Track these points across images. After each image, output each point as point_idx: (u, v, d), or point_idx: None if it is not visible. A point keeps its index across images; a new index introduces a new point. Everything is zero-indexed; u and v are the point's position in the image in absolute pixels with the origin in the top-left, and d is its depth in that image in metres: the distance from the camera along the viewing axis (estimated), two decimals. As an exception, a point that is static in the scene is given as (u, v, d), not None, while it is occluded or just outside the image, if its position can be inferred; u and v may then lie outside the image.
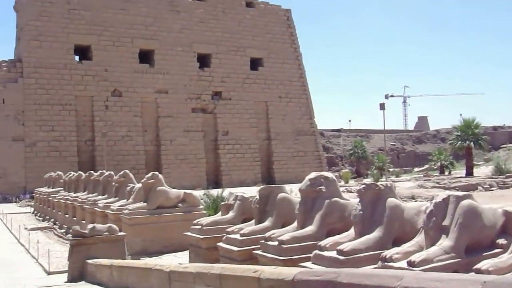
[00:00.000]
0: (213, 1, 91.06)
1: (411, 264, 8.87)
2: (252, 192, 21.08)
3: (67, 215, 36.91)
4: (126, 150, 79.31)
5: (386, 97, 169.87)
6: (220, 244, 15.23)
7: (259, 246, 13.23)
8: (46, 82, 76.53)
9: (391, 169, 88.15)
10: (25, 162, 74.06)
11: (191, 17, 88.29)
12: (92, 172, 37.73)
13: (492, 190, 44.73)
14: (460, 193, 9.99)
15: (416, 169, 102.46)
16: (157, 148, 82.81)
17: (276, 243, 12.44)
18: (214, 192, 35.81)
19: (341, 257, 10.19)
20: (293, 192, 19.08)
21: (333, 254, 10.43)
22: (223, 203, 20.75)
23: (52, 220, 42.01)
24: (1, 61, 78.92)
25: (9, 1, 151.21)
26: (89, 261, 17.58)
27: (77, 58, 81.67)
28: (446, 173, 77.85)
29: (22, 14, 79.96)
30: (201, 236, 17.06)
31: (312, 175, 13.38)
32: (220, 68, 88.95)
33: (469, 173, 66.67)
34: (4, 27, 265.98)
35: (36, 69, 76.39)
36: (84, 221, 30.22)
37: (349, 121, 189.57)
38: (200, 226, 17.43)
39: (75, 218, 33.79)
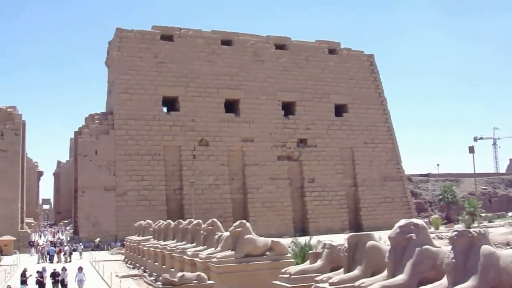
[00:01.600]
0: (296, 49, 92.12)
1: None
2: (339, 239, 20.86)
3: (156, 263, 37.50)
4: (213, 198, 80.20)
5: (475, 139, 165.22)
6: (309, 293, 15.07)
7: (348, 295, 13.01)
8: (136, 133, 78.95)
9: (483, 214, 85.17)
10: (116, 211, 76.14)
11: (275, 66, 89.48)
12: (180, 220, 38.33)
13: None
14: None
15: (510, 214, 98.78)
16: (243, 196, 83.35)
17: (366, 292, 12.21)
18: (302, 240, 35.62)
19: (434, 307, 9.88)
20: (381, 239, 18.78)
21: (426, 304, 10.13)
22: (311, 251, 20.58)
23: (142, 267, 42.79)
24: (94, 114, 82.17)
25: (101, 57, 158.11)
26: (179, 309, 17.74)
27: (165, 109, 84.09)
28: (543, 218, 74.56)
29: (113, 69, 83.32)
30: (290, 285, 16.93)
31: (402, 222, 13.13)
32: (305, 115, 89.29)
33: None
34: (96, 81, 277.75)
35: (126, 121, 79.02)
36: (173, 269, 30.58)
37: (438, 165, 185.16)
38: (288, 275, 17.32)
39: (164, 266, 34.26)
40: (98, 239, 72.50)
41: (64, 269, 35.85)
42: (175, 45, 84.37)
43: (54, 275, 34.66)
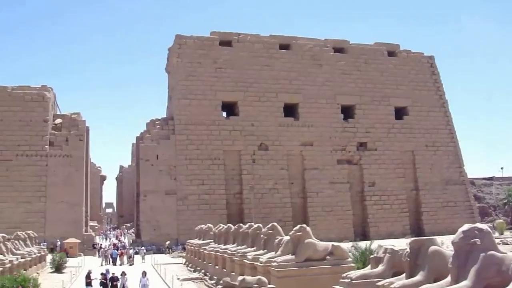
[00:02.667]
0: (354, 52, 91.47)
1: None
2: (401, 244, 20.65)
3: (217, 267, 37.84)
4: (273, 202, 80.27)
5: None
6: (370, 298, 14.98)
7: (411, 300, 12.87)
8: (196, 138, 79.81)
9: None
10: (177, 214, 77.09)
11: (334, 69, 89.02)
12: (241, 224, 38.59)
13: None
14: None
15: None
16: (303, 200, 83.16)
17: (429, 298, 12.07)
18: (362, 244, 35.37)
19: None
20: (444, 244, 18.52)
21: (491, 310, 9.95)
22: (372, 256, 20.43)
23: (203, 271, 43.25)
24: (155, 120, 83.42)
25: (161, 64, 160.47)
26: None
27: (224, 114, 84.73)
28: None
29: (173, 75, 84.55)
30: (350, 290, 16.85)
31: (465, 227, 12.92)
32: (365, 119, 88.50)
33: None
34: (157, 88, 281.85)
35: (186, 126, 80.00)
36: (233, 273, 30.81)
37: (502, 168, 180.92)
38: (349, 280, 17.26)
39: (224, 270, 34.55)
40: (168, 242, 73.53)
41: (123, 274, 35.82)
42: (234, 50, 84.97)
43: (112, 279, 34.66)
